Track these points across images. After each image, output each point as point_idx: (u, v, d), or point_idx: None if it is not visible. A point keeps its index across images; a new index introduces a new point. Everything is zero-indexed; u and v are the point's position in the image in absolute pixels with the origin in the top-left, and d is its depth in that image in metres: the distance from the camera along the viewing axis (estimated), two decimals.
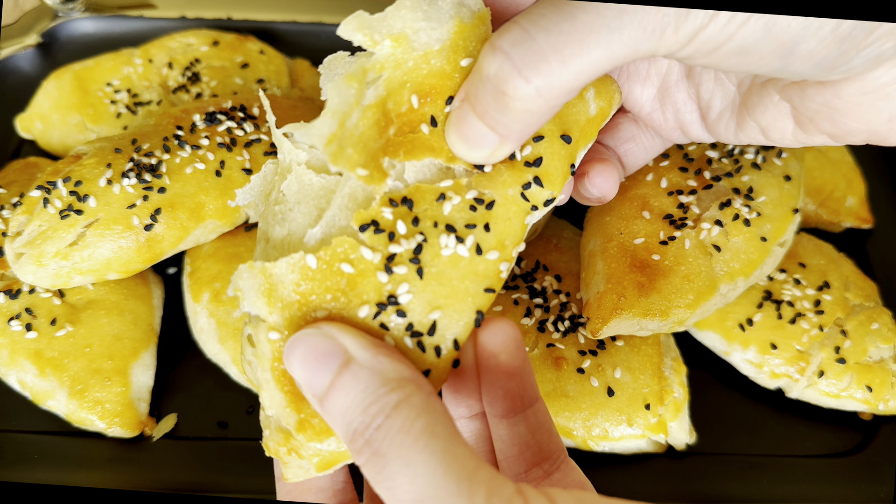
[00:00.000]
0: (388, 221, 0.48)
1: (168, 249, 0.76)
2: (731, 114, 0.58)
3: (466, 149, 0.50)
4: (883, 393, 0.76)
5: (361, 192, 0.49)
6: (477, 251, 0.49)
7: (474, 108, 0.48)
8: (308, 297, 0.47)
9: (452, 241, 0.48)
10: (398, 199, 0.49)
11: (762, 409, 0.79)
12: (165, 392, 0.78)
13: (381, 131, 0.49)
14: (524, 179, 0.52)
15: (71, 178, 0.74)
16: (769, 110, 0.55)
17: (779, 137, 0.57)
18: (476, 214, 0.49)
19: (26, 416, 0.75)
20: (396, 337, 0.48)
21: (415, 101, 0.50)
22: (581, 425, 0.72)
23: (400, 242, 0.48)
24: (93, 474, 0.72)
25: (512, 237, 0.51)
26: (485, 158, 0.50)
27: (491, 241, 0.50)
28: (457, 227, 0.49)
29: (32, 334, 0.74)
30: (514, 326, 0.50)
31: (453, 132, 0.50)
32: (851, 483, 0.74)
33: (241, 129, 0.80)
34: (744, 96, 0.57)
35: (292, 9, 1.10)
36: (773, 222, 0.75)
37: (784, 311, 0.78)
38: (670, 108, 0.61)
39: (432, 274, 0.48)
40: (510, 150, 0.50)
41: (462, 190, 0.50)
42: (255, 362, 0.49)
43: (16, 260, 0.73)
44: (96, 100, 0.93)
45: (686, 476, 0.74)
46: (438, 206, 0.49)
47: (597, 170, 0.60)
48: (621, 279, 0.72)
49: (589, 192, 0.61)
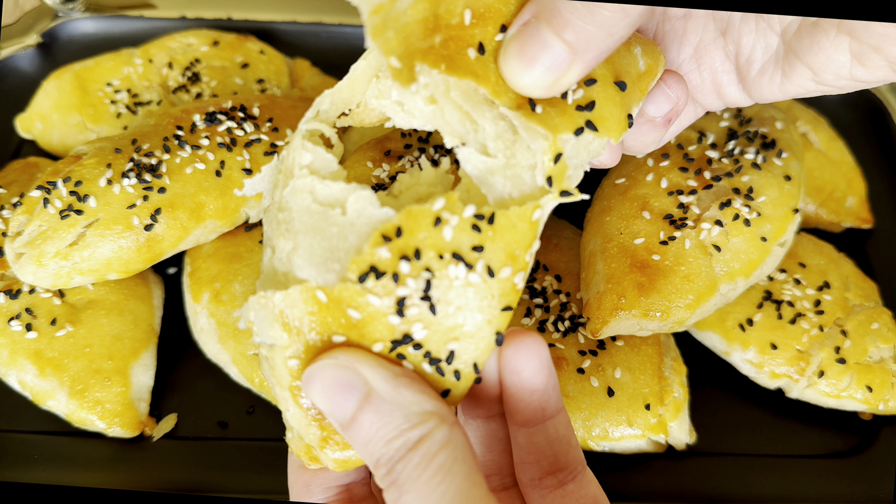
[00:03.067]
0: (387, 263, 0.44)
1: (168, 249, 0.76)
2: (776, 65, 0.56)
3: (527, 69, 0.45)
4: (883, 393, 0.76)
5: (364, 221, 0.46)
6: (489, 273, 0.45)
7: (550, 21, 0.45)
8: (323, 324, 0.46)
9: (462, 270, 0.45)
10: (391, 232, 0.44)
11: (762, 409, 0.79)
12: (165, 392, 0.78)
13: (427, 34, 0.45)
14: (576, 123, 0.48)
15: (71, 178, 0.74)
16: (824, 48, 0.52)
17: (833, 78, 0.53)
18: (481, 234, 0.45)
19: (26, 416, 0.75)
20: (414, 363, 0.47)
21: (467, 17, 0.46)
22: (581, 425, 0.72)
23: (406, 283, 0.44)
24: (93, 474, 0.72)
25: (522, 243, 0.46)
26: (545, 84, 0.46)
27: (501, 256, 0.46)
28: (463, 253, 0.45)
29: (32, 334, 0.74)
30: (541, 342, 0.49)
31: (514, 51, 0.46)
32: (851, 483, 0.74)
33: (241, 129, 0.80)
34: (790, 42, 0.54)
35: (292, 9, 1.10)
36: (774, 222, 0.75)
37: (784, 311, 0.78)
38: (707, 69, 0.59)
39: (446, 307, 0.46)
40: (577, 75, 0.46)
41: (458, 208, 0.44)
42: (272, 381, 0.48)
43: (16, 260, 0.73)
44: (96, 100, 0.93)
45: (686, 476, 0.74)
46: (438, 231, 0.44)
47: (672, 76, 0.56)
48: (621, 279, 0.72)
49: (665, 97, 0.56)
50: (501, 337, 0.47)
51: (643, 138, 0.59)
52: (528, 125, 0.46)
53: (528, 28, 0.46)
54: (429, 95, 0.46)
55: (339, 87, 0.51)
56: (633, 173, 0.79)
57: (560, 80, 0.46)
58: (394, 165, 0.77)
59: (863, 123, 1.02)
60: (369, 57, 0.50)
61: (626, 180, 0.78)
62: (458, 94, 0.46)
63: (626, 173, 0.79)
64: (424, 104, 0.47)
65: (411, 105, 0.47)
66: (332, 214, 0.46)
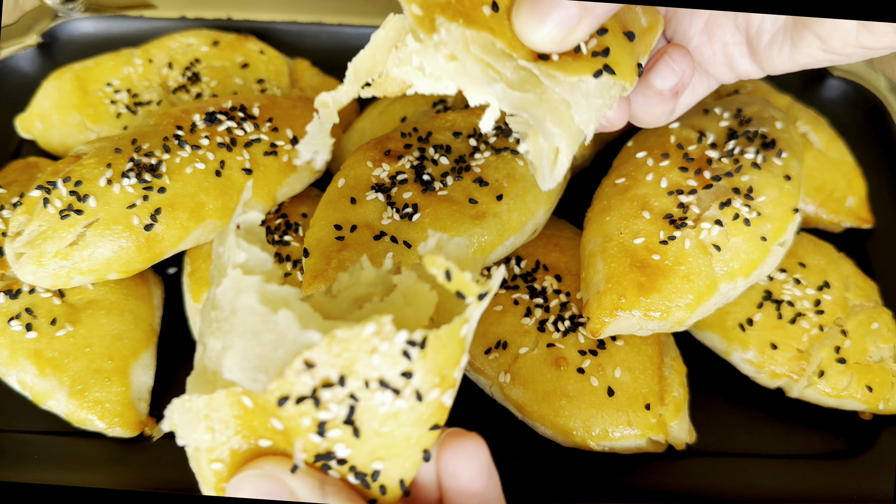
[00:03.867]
0: (309, 389, 0.43)
1: (168, 249, 0.76)
2: (785, 35, 0.57)
3: (539, 25, 0.46)
4: (883, 393, 0.76)
5: (291, 337, 0.44)
6: (417, 398, 0.44)
7: None
8: (249, 427, 0.45)
9: (389, 396, 0.43)
10: (314, 359, 0.42)
11: (762, 409, 0.79)
12: (165, 392, 0.78)
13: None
14: (595, 66, 0.48)
15: (71, 178, 0.74)
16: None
17: (840, 46, 0.54)
18: (410, 361, 0.43)
19: (26, 416, 0.75)
20: (340, 473, 0.47)
21: None
22: (581, 425, 0.72)
23: (329, 408, 0.43)
24: (93, 474, 0.72)
25: (451, 361, 0.45)
26: (557, 39, 0.46)
27: (431, 379, 0.44)
28: (390, 381, 0.43)
29: (32, 334, 0.74)
30: (480, 445, 0.48)
31: (527, 7, 0.46)
32: (851, 483, 0.74)
33: (241, 129, 0.80)
34: None
35: (292, 9, 1.10)
36: (773, 222, 0.75)
37: (784, 311, 0.78)
38: (718, 41, 0.60)
39: (370, 430, 0.45)
40: (587, 30, 0.47)
41: (388, 334, 0.42)
42: (199, 479, 0.49)
43: (16, 260, 0.73)
44: (96, 100, 0.93)
45: (686, 476, 0.74)
46: (368, 356, 0.43)
47: (676, 48, 0.57)
48: (621, 279, 0.72)
49: (670, 70, 0.57)
50: (428, 455, 0.47)
51: (653, 110, 0.59)
52: (548, 72, 0.47)
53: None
54: (449, 53, 0.47)
55: (361, 56, 0.52)
56: (633, 173, 0.79)
57: (571, 34, 0.47)
58: (394, 165, 0.77)
59: (863, 123, 1.02)
60: (388, 27, 0.51)
61: (626, 180, 0.78)
62: (477, 48, 0.47)
63: (626, 173, 0.79)
64: (445, 62, 0.47)
65: (433, 64, 0.48)
66: (271, 320, 0.44)
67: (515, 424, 0.76)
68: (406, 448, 0.46)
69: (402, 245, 0.72)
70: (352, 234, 0.73)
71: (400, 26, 0.51)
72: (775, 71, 0.60)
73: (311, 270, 0.71)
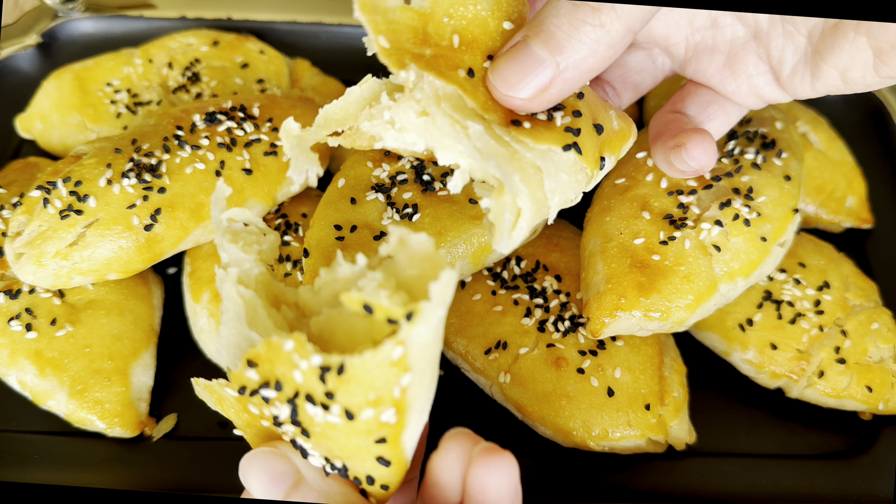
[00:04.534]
0: (255, 384, 0.47)
1: (168, 249, 0.76)
2: (805, 66, 0.58)
3: (517, 80, 0.47)
4: (883, 393, 0.76)
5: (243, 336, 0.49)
6: (348, 416, 0.44)
7: (538, 34, 0.46)
8: (245, 411, 0.50)
9: (319, 410, 0.45)
10: (255, 359, 0.46)
11: (762, 409, 0.79)
12: (165, 392, 0.78)
13: (417, 41, 0.47)
14: (565, 140, 0.49)
15: (71, 178, 0.74)
16: (846, 50, 0.54)
17: (859, 77, 0.55)
18: (327, 385, 0.44)
19: (26, 416, 0.75)
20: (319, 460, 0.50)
21: (455, 41, 0.48)
22: (581, 425, 0.72)
23: (275, 405, 0.47)
24: (93, 474, 0.72)
25: (385, 385, 0.44)
26: (532, 94, 0.47)
27: (359, 401, 0.44)
28: (316, 397, 0.44)
29: (32, 334, 0.73)
30: (513, 465, 0.49)
31: (505, 63, 0.47)
32: (851, 483, 0.74)
33: (241, 129, 0.80)
34: (816, 45, 0.56)
35: (292, 9, 1.10)
36: (773, 222, 0.75)
37: (784, 311, 0.78)
38: (742, 74, 0.61)
39: (317, 433, 0.47)
40: (560, 92, 0.48)
41: (306, 352, 0.44)
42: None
43: (16, 260, 0.73)
44: (96, 100, 0.93)
45: (686, 476, 0.74)
46: (291, 370, 0.45)
47: (694, 141, 0.58)
48: (621, 279, 0.72)
49: (686, 165, 0.59)
50: (387, 461, 0.47)
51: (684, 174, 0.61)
52: (519, 138, 0.47)
53: (519, 45, 0.48)
54: (421, 109, 0.47)
55: (334, 106, 0.53)
56: (632, 173, 0.79)
57: (543, 93, 0.48)
58: (394, 165, 0.77)
59: (863, 123, 1.02)
60: (364, 86, 0.52)
61: (626, 180, 0.78)
62: (448, 105, 0.47)
63: (626, 173, 0.79)
64: (416, 117, 0.47)
65: (404, 119, 0.48)
66: (242, 313, 0.49)
67: (515, 424, 0.76)
68: (358, 453, 0.47)
69: None
70: (352, 234, 0.73)
71: (375, 87, 0.51)
72: (798, 97, 0.61)
73: (311, 270, 0.71)
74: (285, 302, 0.52)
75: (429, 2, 0.48)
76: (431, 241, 0.46)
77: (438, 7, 0.48)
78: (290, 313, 0.51)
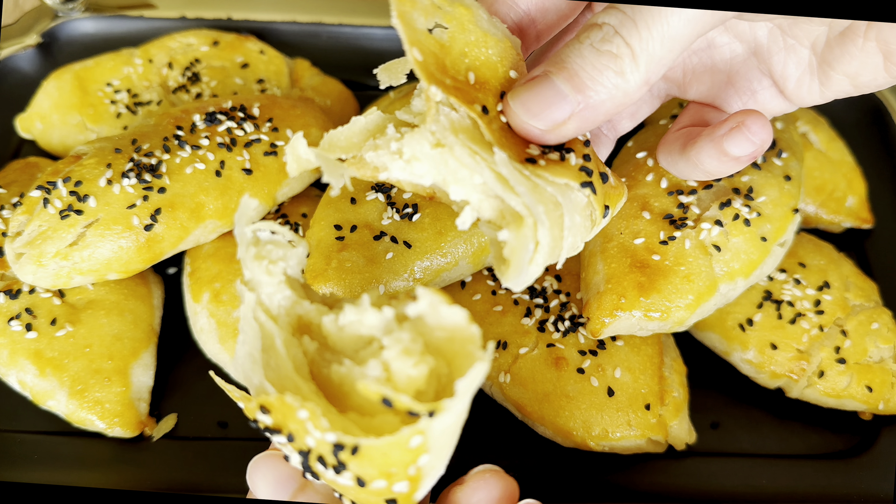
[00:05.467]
0: (267, 425, 0.47)
1: (168, 249, 0.76)
2: (811, 76, 0.58)
3: (537, 109, 0.48)
4: (883, 393, 0.76)
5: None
6: (359, 484, 0.45)
7: (562, 71, 0.48)
8: None
9: (331, 472, 0.45)
10: (267, 406, 0.45)
11: (762, 409, 0.79)
12: (165, 392, 0.78)
13: (439, 67, 0.47)
14: (582, 177, 0.49)
15: (71, 178, 0.74)
16: (856, 56, 0.54)
17: (870, 79, 0.56)
18: (340, 458, 0.44)
19: (26, 416, 0.75)
20: None
21: (471, 78, 0.49)
22: (581, 425, 0.72)
23: (287, 447, 0.47)
24: (93, 474, 0.72)
25: (401, 463, 0.44)
26: (548, 127, 0.48)
27: (371, 473, 0.44)
28: (328, 461, 0.45)
29: (32, 334, 0.73)
30: (497, 486, 0.50)
31: (525, 90, 0.48)
32: (851, 483, 0.74)
33: (241, 129, 0.80)
34: (822, 54, 0.57)
35: (292, 9, 1.10)
36: (773, 222, 0.75)
37: (784, 311, 0.78)
38: (746, 91, 0.61)
39: (326, 479, 0.47)
40: (576, 129, 0.49)
41: (320, 425, 0.43)
42: None
43: (16, 260, 0.73)
44: (96, 100, 0.93)
45: (686, 476, 0.74)
46: (303, 433, 0.45)
47: (752, 117, 0.56)
48: (621, 279, 0.72)
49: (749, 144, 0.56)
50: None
51: (724, 170, 0.59)
52: (537, 173, 0.47)
53: (541, 78, 0.48)
54: (436, 141, 0.47)
55: (338, 133, 0.51)
56: (633, 173, 0.79)
57: (562, 127, 0.49)
58: None
59: (863, 123, 1.02)
60: (369, 117, 0.52)
61: (627, 180, 0.78)
62: (465, 136, 0.47)
63: (626, 173, 0.79)
64: (430, 148, 0.47)
65: (417, 149, 0.47)
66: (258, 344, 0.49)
67: (515, 424, 0.76)
68: (367, 503, 0.48)
69: (403, 245, 0.72)
70: (352, 234, 0.73)
71: (379, 121, 0.51)
72: (806, 104, 0.61)
73: (312, 270, 0.71)
74: (311, 328, 0.51)
75: (447, 36, 0.48)
76: (464, 315, 0.44)
77: (455, 43, 0.48)
78: (313, 344, 0.50)
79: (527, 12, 0.55)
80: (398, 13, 0.46)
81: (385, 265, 0.71)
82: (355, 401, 0.47)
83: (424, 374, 0.44)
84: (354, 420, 0.45)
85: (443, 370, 0.45)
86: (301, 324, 0.51)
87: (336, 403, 0.47)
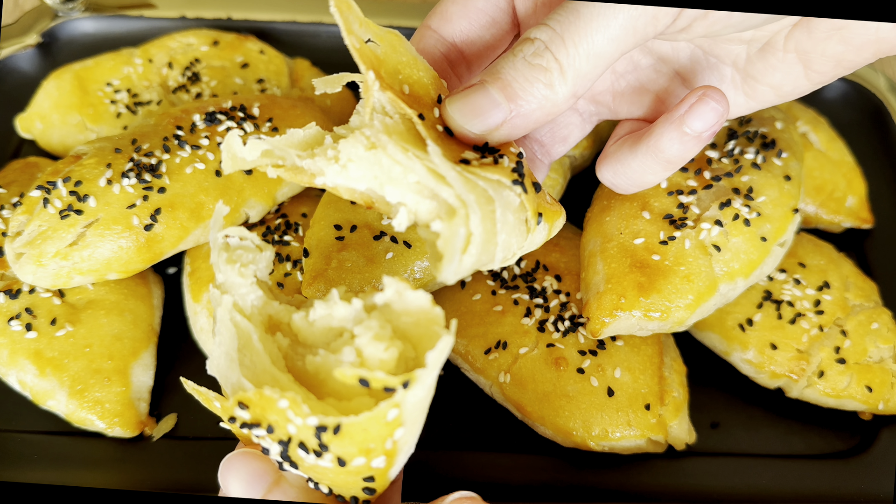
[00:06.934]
0: (245, 421, 0.48)
1: (168, 249, 0.76)
2: (735, 90, 0.62)
3: (471, 115, 0.51)
4: (883, 393, 0.76)
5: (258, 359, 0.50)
6: (340, 463, 0.47)
7: (496, 81, 0.51)
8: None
9: (312, 457, 0.47)
10: (246, 402, 0.47)
11: (762, 409, 0.79)
12: (165, 392, 0.78)
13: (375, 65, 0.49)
14: (514, 176, 0.51)
15: (71, 178, 0.74)
16: (777, 68, 0.58)
17: (793, 88, 0.60)
18: (322, 441, 0.46)
19: (26, 416, 0.75)
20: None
21: (406, 90, 0.51)
22: (581, 425, 0.72)
23: (266, 440, 0.49)
24: (93, 474, 0.72)
25: (378, 438, 0.46)
26: (481, 132, 0.51)
27: (351, 451, 0.46)
28: (309, 446, 0.46)
29: (32, 334, 0.74)
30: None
31: (461, 97, 0.51)
32: (851, 483, 0.74)
33: (241, 129, 0.80)
34: (745, 69, 0.60)
35: (292, 9, 1.10)
36: (773, 222, 0.75)
37: (784, 311, 0.78)
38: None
39: (306, 468, 0.49)
40: (507, 134, 0.52)
41: (301, 413, 0.45)
42: None
43: (16, 260, 0.73)
44: (96, 100, 0.93)
45: (686, 476, 0.74)
46: (284, 421, 0.46)
47: (710, 90, 0.56)
48: (621, 279, 0.72)
49: (714, 112, 0.56)
50: (373, 490, 0.50)
51: (686, 153, 0.60)
52: (471, 170, 0.49)
53: (477, 87, 0.51)
54: (369, 144, 0.47)
55: (275, 141, 0.52)
56: None
57: (495, 132, 0.52)
58: None
59: (863, 123, 1.02)
60: (308, 131, 0.53)
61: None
62: (398, 137, 0.48)
63: None
64: (364, 150, 0.48)
65: (351, 152, 0.48)
66: (234, 343, 0.50)
67: (515, 424, 0.76)
68: (345, 486, 0.50)
69: (402, 245, 0.72)
70: (352, 234, 0.73)
71: (318, 135, 0.52)
72: (739, 114, 0.65)
73: (312, 270, 0.71)
74: (280, 326, 0.53)
75: (381, 52, 0.50)
76: (428, 298, 0.47)
77: (389, 59, 0.50)
78: (285, 340, 0.52)
79: (453, 44, 0.59)
80: (335, 2, 0.47)
81: (385, 265, 0.71)
82: (332, 387, 0.49)
83: (395, 357, 0.47)
84: (332, 404, 0.48)
85: (410, 354, 0.48)
86: (272, 323, 0.53)
87: (313, 392, 0.49)
